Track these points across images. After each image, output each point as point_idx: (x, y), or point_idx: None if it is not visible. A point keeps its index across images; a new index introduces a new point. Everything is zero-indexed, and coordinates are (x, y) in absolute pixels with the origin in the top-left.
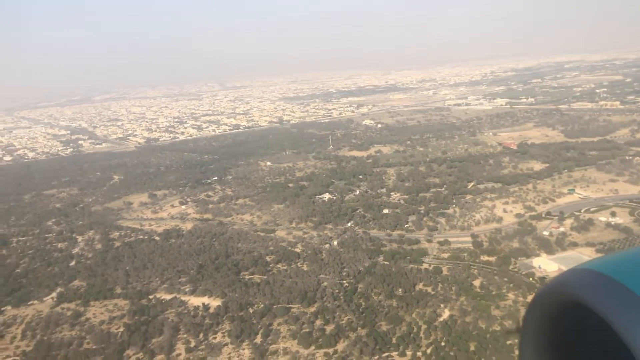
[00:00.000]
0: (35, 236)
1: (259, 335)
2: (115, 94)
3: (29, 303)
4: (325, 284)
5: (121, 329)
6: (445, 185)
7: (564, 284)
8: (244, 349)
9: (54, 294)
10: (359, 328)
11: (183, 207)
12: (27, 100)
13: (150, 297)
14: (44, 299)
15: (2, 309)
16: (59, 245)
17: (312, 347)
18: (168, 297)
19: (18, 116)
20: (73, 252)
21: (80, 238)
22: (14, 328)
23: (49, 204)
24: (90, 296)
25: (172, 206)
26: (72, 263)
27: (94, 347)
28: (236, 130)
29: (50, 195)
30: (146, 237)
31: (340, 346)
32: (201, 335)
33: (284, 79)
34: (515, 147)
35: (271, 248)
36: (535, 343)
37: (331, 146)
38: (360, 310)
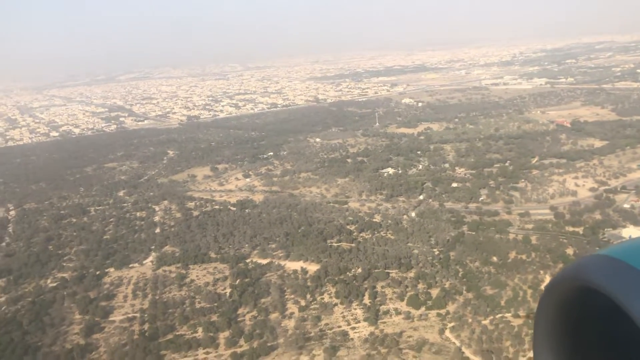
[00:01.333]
0: (111, 205)
1: (366, 297)
2: (138, 73)
3: (130, 266)
4: (416, 251)
5: (227, 290)
6: (508, 161)
7: (581, 270)
8: (355, 309)
9: (150, 258)
10: (464, 291)
11: (247, 180)
12: (51, 80)
13: (247, 261)
14: (143, 262)
15: (106, 270)
16: (138, 214)
17: (423, 308)
18: (263, 261)
19: (48, 94)
20: (155, 221)
21: (157, 208)
22: (123, 288)
23: (114, 176)
24: (188, 260)
25: (237, 179)
26: (157, 230)
27: (207, 305)
28: (274, 109)
29: (112, 168)
30: (221, 207)
31: (450, 307)
32: (308, 296)
33: (305, 60)
34: (568, 125)
35: (350, 218)
36: (549, 328)
37: (377, 124)
38: (460, 275)
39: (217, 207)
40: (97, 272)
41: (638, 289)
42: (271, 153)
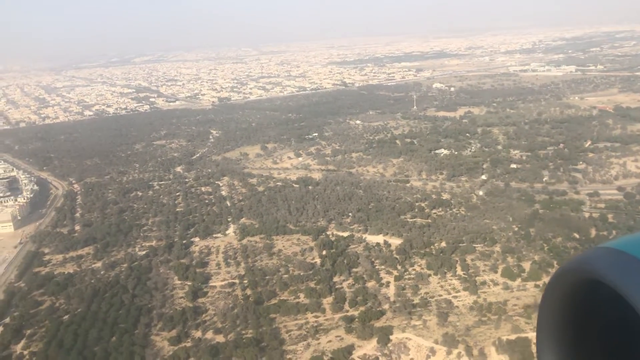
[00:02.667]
0: (173, 180)
1: (458, 269)
2: (151, 56)
3: (214, 236)
4: (495, 227)
5: (317, 260)
6: (561, 144)
7: (586, 262)
8: (450, 280)
9: (231, 229)
10: (555, 264)
11: (300, 159)
12: (65, 61)
13: (327, 233)
14: (226, 232)
15: (191, 240)
16: (203, 188)
17: (519, 280)
18: (343, 234)
19: (67, 75)
20: (223, 195)
21: (220, 183)
22: (214, 256)
23: (166, 153)
24: (270, 231)
25: (289, 158)
26: (227, 203)
27: (301, 273)
28: (303, 92)
29: (161, 146)
30: (283, 183)
31: (546, 279)
32: (399, 267)
33: (320, 45)
34: (611, 110)
35: (417, 195)
36: (554, 320)
37: (415, 107)
38: (547, 250)
39: (279, 183)
40: (184, 242)
41: None
42: (316, 134)
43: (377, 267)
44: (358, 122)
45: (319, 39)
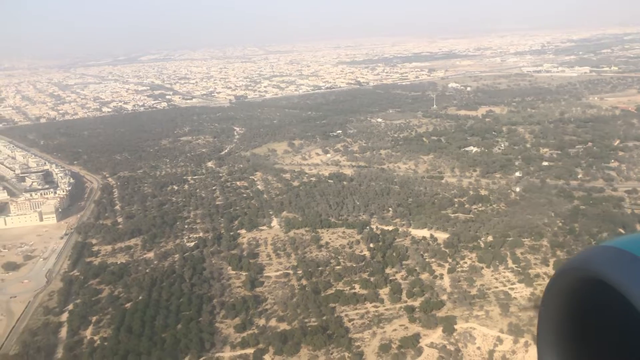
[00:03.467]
0: (206, 175)
1: (509, 262)
2: (158, 55)
3: (260, 228)
4: (539, 222)
5: (365, 252)
6: (590, 142)
7: (587, 261)
8: (503, 272)
9: (275, 222)
10: None
11: (328, 155)
12: (72, 59)
13: (372, 227)
14: (270, 225)
15: (238, 232)
16: (238, 183)
17: None
18: (388, 228)
19: (77, 73)
20: (259, 189)
21: (254, 178)
22: (263, 247)
23: (194, 149)
24: (315, 225)
25: (317, 154)
26: (265, 197)
27: (353, 265)
28: (318, 91)
29: (188, 142)
30: (316, 179)
31: None
32: (449, 259)
33: (326, 45)
34: (634, 110)
35: (454, 191)
36: (554, 318)
37: (434, 106)
38: (595, 244)
39: (313, 179)
40: (231, 234)
41: None
42: (340, 131)
43: (427, 260)
44: (379, 120)
45: (323, 39)
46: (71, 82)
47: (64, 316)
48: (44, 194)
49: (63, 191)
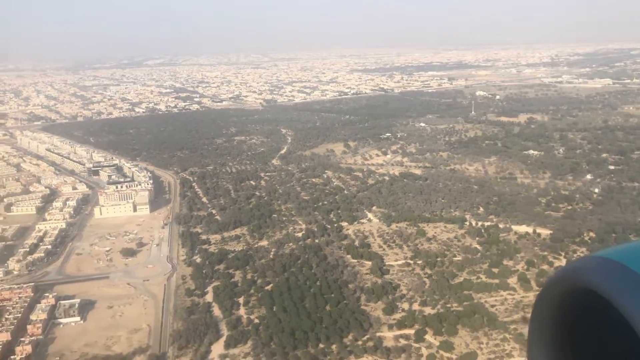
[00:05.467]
0: (278, 172)
1: None
2: (161, 60)
3: (360, 221)
4: (635, 220)
5: (474, 245)
6: None
7: (578, 271)
8: None
9: (370, 216)
10: None
11: (388, 156)
12: (72, 62)
13: (472, 222)
14: (368, 219)
15: (340, 224)
16: (314, 180)
17: None
18: (486, 223)
19: (87, 75)
20: (337, 186)
21: (326, 175)
22: (372, 239)
23: (252, 148)
24: (415, 219)
25: (377, 155)
26: (346, 193)
27: (469, 256)
28: (345, 97)
29: (242, 141)
30: (389, 178)
31: None
32: (562, 252)
33: (329, 53)
34: None
35: (534, 191)
36: (545, 329)
37: (473, 112)
38: None
39: (385, 177)
40: (335, 225)
41: (635, 291)
42: (389, 134)
43: (539, 252)
44: (423, 124)
45: (323, 48)
46: (88, 83)
47: (208, 297)
48: (130, 186)
49: (147, 184)
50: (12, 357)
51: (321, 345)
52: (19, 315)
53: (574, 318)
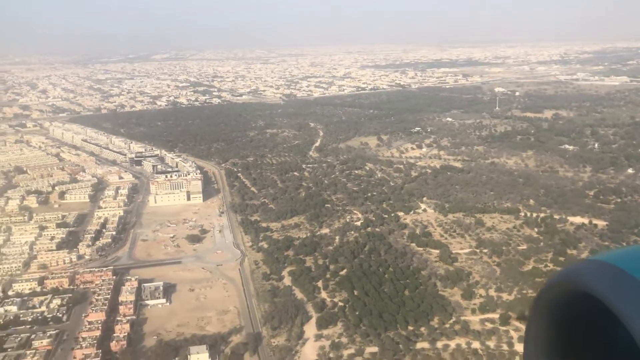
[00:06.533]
0: (319, 164)
1: None
2: (167, 54)
3: (416, 211)
4: None
5: (535, 235)
6: None
7: (575, 275)
8: None
9: (424, 206)
10: None
11: (423, 149)
12: (78, 56)
13: (525, 213)
14: (423, 209)
15: (397, 213)
16: (356, 171)
17: None
18: (540, 214)
19: (97, 69)
20: (381, 177)
21: (368, 167)
22: (431, 228)
23: (287, 140)
24: (470, 210)
25: (412, 148)
26: (392, 184)
27: (532, 245)
28: (363, 92)
29: (275, 134)
30: (430, 170)
31: None
32: (623, 243)
33: (334, 50)
34: None
35: (580, 184)
36: (542, 331)
37: (497, 107)
38: None
39: (427, 170)
40: (392, 215)
41: (631, 295)
42: (419, 128)
43: (600, 242)
44: (449, 119)
45: (327, 44)
46: (101, 77)
47: (286, 281)
48: (181, 175)
49: (195, 174)
50: (113, 335)
51: (410, 328)
52: (108, 296)
53: (571, 321)
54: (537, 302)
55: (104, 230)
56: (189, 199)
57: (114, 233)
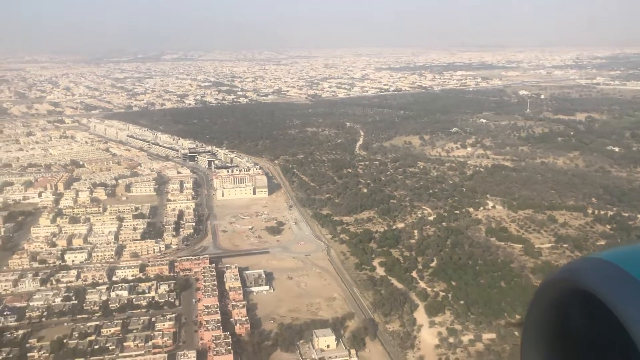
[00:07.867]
0: (370, 162)
1: None
2: (176, 55)
3: (485, 207)
4: None
5: (609, 231)
6: None
7: (574, 273)
8: None
9: (491, 203)
10: None
11: (468, 149)
12: (87, 55)
13: (593, 211)
14: (492, 205)
15: (467, 209)
16: (409, 169)
17: None
18: (608, 212)
19: (111, 68)
20: (438, 175)
21: (421, 165)
22: (505, 224)
23: (329, 139)
24: (539, 206)
25: (457, 148)
26: (450, 182)
27: (612, 241)
28: (387, 93)
29: (315, 132)
30: (481, 168)
31: None
32: None
33: (343, 52)
34: None
35: (637, 183)
36: (539, 329)
37: (528, 110)
38: None
39: (481, 169)
40: (462, 211)
41: (630, 294)
42: (457, 129)
43: None
44: (483, 120)
45: (337, 47)
46: (119, 75)
47: (379, 271)
48: (244, 170)
49: (255, 170)
50: (232, 319)
51: (517, 316)
52: (215, 282)
53: (569, 319)
54: (535, 300)
55: (181, 221)
56: (254, 193)
57: (193, 224)
